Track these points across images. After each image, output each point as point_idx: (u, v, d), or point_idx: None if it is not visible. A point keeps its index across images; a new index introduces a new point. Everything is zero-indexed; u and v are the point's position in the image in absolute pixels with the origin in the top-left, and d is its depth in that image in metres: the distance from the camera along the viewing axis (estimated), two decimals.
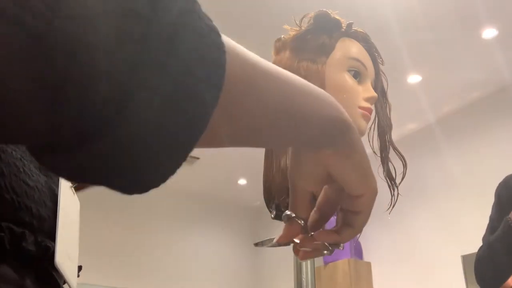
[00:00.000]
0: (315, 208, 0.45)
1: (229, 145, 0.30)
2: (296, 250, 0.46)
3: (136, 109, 0.21)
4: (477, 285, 1.63)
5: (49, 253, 0.41)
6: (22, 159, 0.41)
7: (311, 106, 0.35)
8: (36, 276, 0.40)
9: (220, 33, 0.26)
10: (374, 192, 0.41)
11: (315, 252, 0.46)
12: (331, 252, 0.44)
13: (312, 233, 0.44)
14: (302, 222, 0.43)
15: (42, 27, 0.19)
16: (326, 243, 0.44)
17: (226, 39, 0.27)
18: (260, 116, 0.30)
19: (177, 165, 0.24)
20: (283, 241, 0.45)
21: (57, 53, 0.19)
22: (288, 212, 0.43)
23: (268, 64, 0.32)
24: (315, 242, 0.44)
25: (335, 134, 0.37)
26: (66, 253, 0.45)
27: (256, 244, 0.88)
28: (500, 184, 1.64)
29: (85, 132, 0.21)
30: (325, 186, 0.44)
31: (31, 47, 0.19)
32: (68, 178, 0.25)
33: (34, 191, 0.41)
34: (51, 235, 0.42)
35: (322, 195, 0.44)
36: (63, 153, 0.22)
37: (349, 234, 0.43)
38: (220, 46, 0.25)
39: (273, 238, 0.43)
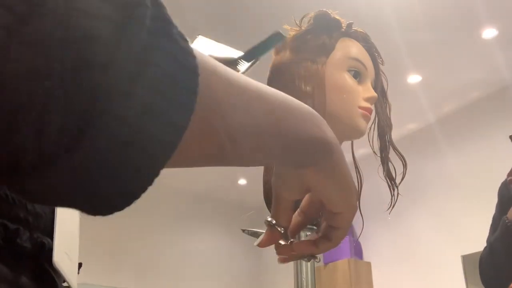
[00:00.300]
0: (298, 210, 0.46)
1: (203, 164, 0.30)
2: (277, 254, 0.48)
3: (96, 136, 0.21)
4: (477, 285, 1.63)
5: (45, 250, 0.41)
6: None
7: (293, 125, 0.34)
8: (33, 273, 0.40)
9: (195, 52, 0.25)
10: (353, 211, 0.41)
11: (293, 258, 0.47)
12: (308, 260, 0.46)
13: (292, 240, 0.45)
14: (282, 230, 0.44)
15: None
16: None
17: (201, 57, 0.26)
18: (237, 135, 0.29)
19: (142, 189, 0.24)
20: (263, 246, 0.46)
21: (10, 81, 0.19)
22: (269, 219, 0.44)
23: (247, 81, 0.31)
24: (292, 253, 0.45)
25: (317, 154, 0.37)
26: (65, 252, 0.45)
27: (243, 231, 0.87)
28: (501, 183, 1.64)
29: (43, 158, 0.21)
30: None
31: None
32: (35, 202, 0.25)
33: None
34: (48, 231, 0.42)
35: (306, 199, 0.45)
36: (22, 178, 0.22)
37: (326, 247, 0.44)
38: (192, 70, 0.24)
39: (259, 233, 0.44)
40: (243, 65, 0.92)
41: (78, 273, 0.51)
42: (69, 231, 0.47)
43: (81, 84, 0.20)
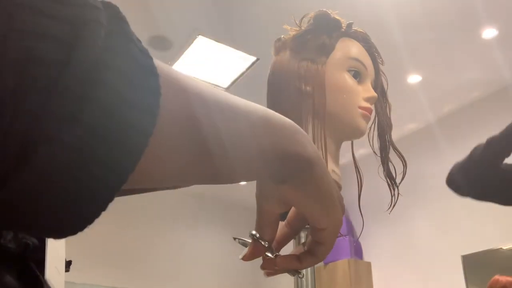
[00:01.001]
0: (285, 222, 0.45)
1: (166, 183, 0.28)
2: (262, 268, 0.47)
3: (39, 162, 0.19)
4: (477, 285, 1.63)
5: (30, 250, 0.41)
6: None
7: (270, 141, 0.33)
8: (18, 273, 0.40)
9: (155, 61, 0.23)
10: (337, 226, 0.40)
11: (278, 272, 0.47)
12: (293, 275, 0.45)
13: (277, 254, 0.44)
14: (266, 243, 0.43)
15: None
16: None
17: (163, 68, 0.25)
18: (201, 150, 0.27)
19: (94, 215, 0.23)
20: (247, 260, 0.45)
21: None
22: (253, 232, 0.43)
23: (220, 93, 0.30)
24: (276, 268, 0.45)
25: (296, 170, 0.36)
26: (55, 267, 0.45)
27: (235, 239, 0.86)
28: None
29: None
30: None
31: None
32: None
33: None
34: None
35: (292, 211, 0.44)
36: None
37: (310, 262, 0.43)
38: (152, 85, 0.22)
39: (248, 243, 0.43)
40: None
41: (69, 270, 0.51)
42: (57, 243, 0.47)
43: (22, 109, 0.18)
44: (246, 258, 0.45)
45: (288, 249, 0.56)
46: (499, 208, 1.68)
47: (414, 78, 4.12)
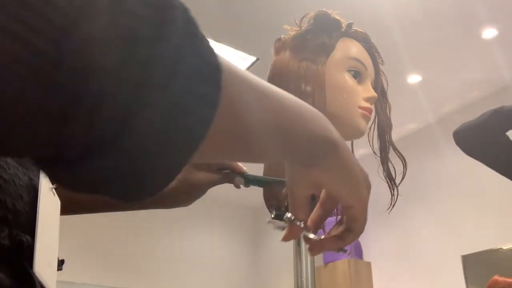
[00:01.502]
0: (318, 204, 0.49)
1: (222, 159, 0.32)
2: (309, 250, 0.51)
3: (138, 126, 0.23)
4: (477, 285, 1.63)
5: (24, 247, 0.41)
6: None
7: (302, 125, 0.37)
8: (11, 271, 0.40)
9: (218, 54, 0.27)
10: (364, 203, 0.44)
11: (324, 250, 0.50)
12: (338, 251, 0.50)
13: (321, 238, 0.48)
14: (302, 223, 0.47)
15: (52, 50, 0.20)
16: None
17: (223, 60, 0.29)
18: (252, 133, 0.32)
19: (173, 176, 0.26)
20: (287, 240, 0.49)
21: (65, 75, 0.21)
22: (288, 215, 0.47)
23: (263, 84, 0.34)
24: (323, 250, 0.49)
25: (324, 154, 0.39)
26: (46, 261, 0.44)
27: (269, 222, 0.87)
28: None
29: (90, 147, 0.23)
30: None
31: (41, 69, 0.20)
32: (74, 190, 0.26)
33: (9, 184, 0.41)
34: (28, 229, 0.42)
35: (323, 193, 0.48)
36: (70, 166, 0.23)
37: (351, 239, 0.47)
38: (218, 68, 0.27)
39: (287, 217, 0.48)
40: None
41: (61, 269, 0.51)
42: (50, 236, 0.46)
43: (126, 79, 0.22)
44: (285, 239, 0.49)
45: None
46: (499, 208, 1.68)
47: (414, 78, 4.12)
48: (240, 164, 0.83)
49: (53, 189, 0.50)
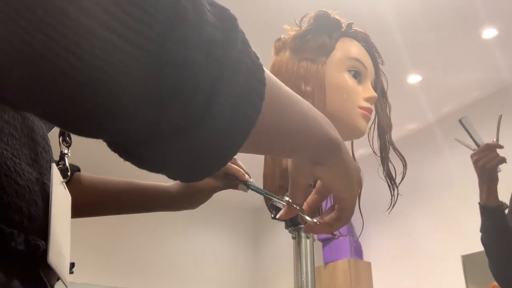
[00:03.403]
0: (314, 191, 0.57)
1: (251, 151, 0.38)
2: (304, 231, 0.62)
3: (215, 110, 0.29)
4: (477, 285, 1.65)
5: (40, 252, 0.41)
6: (13, 158, 0.41)
7: (318, 127, 0.44)
8: (25, 278, 0.40)
9: (264, 68, 0.34)
10: (354, 197, 0.52)
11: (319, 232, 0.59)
12: (328, 234, 0.61)
13: (315, 221, 0.57)
14: (298, 206, 0.56)
15: (156, 50, 0.26)
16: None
17: (268, 73, 0.35)
18: (279, 132, 0.39)
19: (230, 157, 0.33)
20: (283, 218, 0.59)
21: (166, 69, 0.27)
22: (287, 198, 0.56)
23: (289, 91, 0.40)
24: (316, 231, 0.58)
25: (329, 154, 0.47)
26: (59, 251, 0.45)
27: (268, 206, 0.91)
28: None
29: (178, 126, 0.28)
30: None
31: (147, 64, 0.26)
32: (152, 168, 0.32)
33: (25, 190, 0.41)
34: (42, 234, 0.42)
35: (319, 182, 0.56)
36: (157, 144, 0.29)
37: (339, 225, 0.55)
38: (262, 69, 0.33)
39: (285, 200, 0.56)
40: None
41: (72, 272, 0.52)
42: (62, 229, 0.47)
43: (209, 70, 0.28)
44: (282, 217, 0.58)
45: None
46: None
47: (414, 78, 4.12)
48: (243, 172, 0.91)
49: (64, 183, 0.51)
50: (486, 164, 1.54)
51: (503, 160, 1.54)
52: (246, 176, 0.90)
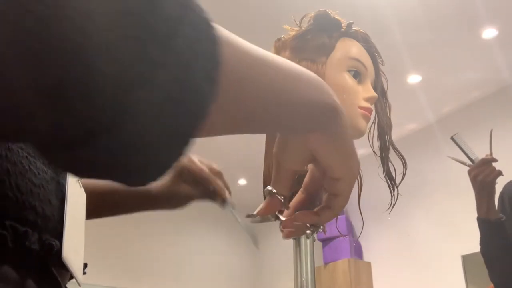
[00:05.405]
0: (301, 189, 0.47)
1: (223, 133, 0.31)
2: (281, 229, 0.48)
3: (137, 105, 0.21)
4: (477, 285, 1.66)
5: (53, 252, 0.41)
6: (29, 156, 0.41)
7: (303, 91, 0.36)
8: (38, 276, 0.40)
9: (214, 25, 0.26)
10: (353, 177, 0.42)
11: (298, 232, 0.48)
12: (312, 232, 0.46)
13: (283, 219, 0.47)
14: (282, 198, 0.45)
15: (39, 29, 0.19)
16: (307, 224, 0.46)
17: (220, 30, 0.27)
18: (253, 103, 0.31)
19: (178, 156, 0.25)
20: (263, 214, 0.47)
21: (55, 53, 0.19)
22: (269, 188, 0.45)
23: (260, 52, 0.32)
24: (295, 223, 0.46)
25: (324, 119, 0.38)
26: (73, 249, 0.45)
27: (248, 216, 0.90)
28: (508, 183, 1.67)
29: (87, 129, 0.21)
30: (311, 167, 0.46)
31: (32, 47, 0.19)
32: (74, 174, 0.25)
33: (39, 189, 0.41)
34: (56, 233, 0.42)
35: (308, 176, 0.46)
36: (69, 149, 0.22)
37: (328, 215, 0.44)
38: (215, 40, 0.25)
39: (267, 190, 0.45)
40: None
41: (85, 273, 0.52)
42: (77, 228, 0.47)
43: (121, 56, 0.21)
44: (261, 212, 0.47)
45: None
46: None
47: (414, 78, 4.12)
48: (224, 190, 0.90)
49: (79, 182, 0.51)
50: (485, 178, 1.56)
51: (499, 173, 1.57)
52: (226, 193, 0.90)
